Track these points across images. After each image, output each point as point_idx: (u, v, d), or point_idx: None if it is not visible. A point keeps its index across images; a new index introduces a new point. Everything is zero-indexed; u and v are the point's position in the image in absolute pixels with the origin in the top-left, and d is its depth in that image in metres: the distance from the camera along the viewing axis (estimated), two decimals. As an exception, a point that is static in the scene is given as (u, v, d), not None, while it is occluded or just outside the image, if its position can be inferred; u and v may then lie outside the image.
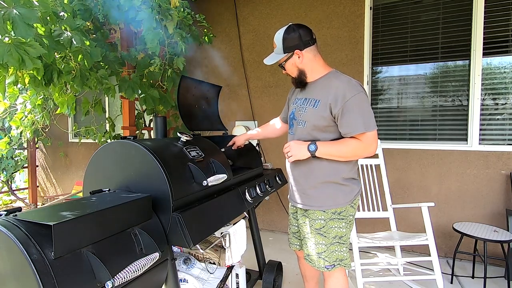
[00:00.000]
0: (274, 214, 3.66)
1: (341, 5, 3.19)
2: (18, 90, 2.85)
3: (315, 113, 1.42)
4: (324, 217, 1.44)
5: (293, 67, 1.48)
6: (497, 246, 2.62)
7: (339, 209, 1.44)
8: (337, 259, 1.44)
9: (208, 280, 1.66)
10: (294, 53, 1.42)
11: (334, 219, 1.44)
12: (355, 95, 1.33)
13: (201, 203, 1.31)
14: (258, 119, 3.67)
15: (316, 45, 1.47)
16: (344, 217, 1.45)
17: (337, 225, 1.44)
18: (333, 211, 1.44)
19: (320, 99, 1.41)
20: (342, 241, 1.45)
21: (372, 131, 1.35)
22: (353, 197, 1.47)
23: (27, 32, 1.46)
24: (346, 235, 1.46)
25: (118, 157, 1.29)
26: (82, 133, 3.53)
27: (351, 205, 1.48)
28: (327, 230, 1.44)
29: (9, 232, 0.77)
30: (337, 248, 1.44)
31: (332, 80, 1.43)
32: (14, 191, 4.51)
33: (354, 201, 1.49)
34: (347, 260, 1.46)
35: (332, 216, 1.44)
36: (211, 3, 3.82)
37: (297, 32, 1.40)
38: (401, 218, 3.00)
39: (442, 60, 2.91)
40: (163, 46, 2.67)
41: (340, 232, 1.44)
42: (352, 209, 1.48)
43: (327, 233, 1.44)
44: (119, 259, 0.95)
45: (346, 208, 1.45)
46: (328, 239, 1.44)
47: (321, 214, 1.45)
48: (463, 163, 2.82)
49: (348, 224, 1.47)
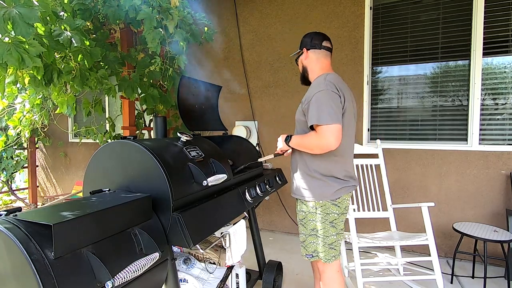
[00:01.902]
0: (274, 214, 3.66)
1: (341, 5, 3.19)
2: (17, 90, 2.85)
3: (298, 111, 1.62)
4: (305, 209, 1.58)
5: (300, 63, 1.71)
6: (497, 246, 2.62)
7: (318, 203, 1.53)
8: (314, 251, 1.56)
9: (208, 280, 1.66)
10: (302, 51, 1.67)
11: (313, 213, 1.56)
12: (317, 92, 1.45)
13: (201, 203, 1.31)
14: (258, 119, 3.67)
15: (324, 51, 1.63)
16: (321, 212, 1.54)
17: (314, 218, 1.56)
18: (312, 205, 1.55)
19: (303, 100, 1.58)
20: (318, 234, 1.55)
21: (325, 125, 1.39)
22: (333, 194, 1.52)
23: (27, 31, 1.46)
24: (323, 229, 1.54)
25: (118, 157, 1.29)
26: (83, 133, 3.53)
27: (334, 203, 1.53)
28: (306, 222, 1.59)
29: (9, 232, 0.77)
30: (314, 240, 1.57)
31: (313, 81, 1.59)
32: (14, 191, 4.51)
33: (337, 200, 1.54)
34: (323, 253, 1.54)
35: (311, 210, 1.56)
36: (211, 3, 3.82)
37: (311, 35, 1.66)
38: (401, 218, 3.01)
39: (442, 60, 2.91)
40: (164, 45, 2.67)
41: (316, 226, 1.55)
42: (335, 207, 1.54)
43: (306, 225, 1.59)
44: (119, 259, 0.95)
45: (325, 204, 1.53)
46: (307, 230, 1.59)
47: (303, 206, 1.59)
48: (463, 163, 2.82)
49: (325, 219, 1.54)
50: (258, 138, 3.67)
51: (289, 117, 3.50)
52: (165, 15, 2.43)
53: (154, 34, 2.29)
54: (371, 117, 3.19)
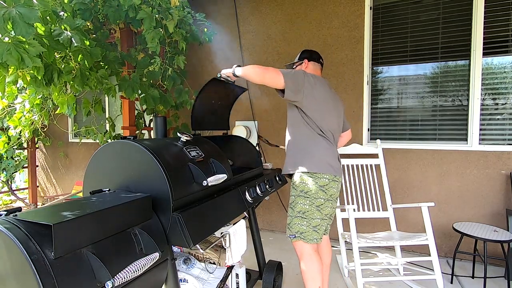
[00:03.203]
0: (274, 214, 3.66)
1: (341, 5, 3.19)
2: (17, 89, 2.84)
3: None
4: (294, 193, 1.76)
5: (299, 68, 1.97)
6: (497, 246, 2.63)
7: (306, 188, 1.71)
8: (297, 231, 1.71)
9: (208, 280, 1.66)
10: (303, 61, 1.98)
11: (301, 196, 1.72)
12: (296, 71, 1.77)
13: (201, 203, 1.31)
14: (258, 119, 3.67)
15: (319, 65, 1.98)
16: (309, 196, 1.71)
17: (302, 202, 1.72)
18: (301, 189, 1.72)
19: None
20: (304, 216, 1.71)
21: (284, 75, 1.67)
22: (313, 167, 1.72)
23: (27, 31, 1.46)
24: (309, 211, 1.71)
25: (118, 157, 1.29)
26: (83, 133, 3.53)
27: (322, 189, 1.71)
28: (295, 205, 1.74)
29: (9, 232, 0.77)
30: (299, 221, 1.72)
31: None
32: (14, 191, 4.51)
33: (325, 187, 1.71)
34: (306, 233, 1.70)
35: (300, 194, 1.73)
36: (211, 3, 3.82)
37: (310, 52, 2.02)
38: (401, 218, 3.01)
39: (442, 60, 2.91)
40: (163, 45, 2.67)
41: (303, 208, 1.71)
42: (322, 193, 1.72)
43: (294, 207, 1.75)
44: (119, 259, 0.95)
45: (314, 189, 1.70)
46: (294, 212, 1.75)
47: (293, 191, 1.77)
48: (463, 163, 2.82)
49: (312, 203, 1.71)
50: (258, 138, 3.67)
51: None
52: (165, 14, 2.43)
53: (154, 33, 2.29)
54: (371, 117, 3.19)
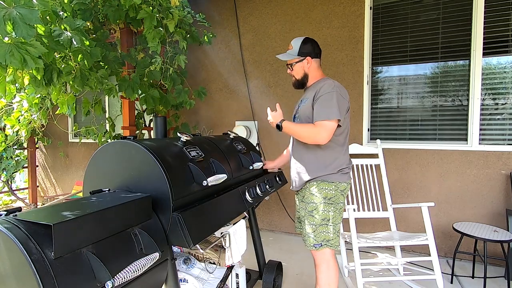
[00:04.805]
0: (274, 214, 3.66)
1: (341, 5, 3.19)
2: (16, 89, 2.84)
3: (304, 107, 1.73)
4: (316, 200, 1.66)
5: (300, 69, 1.76)
6: (497, 246, 2.63)
7: (329, 194, 1.65)
8: (324, 239, 1.64)
9: (208, 280, 1.66)
10: (305, 59, 1.72)
11: (324, 203, 1.65)
12: (327, 93, 1.61)
13: (201, 203, 1.31)
14: (258, 119, 3.67)
15: (319, 59, 1.79)
16: (333, 202, 1.66)
17: (326, 208, 1.65)
18: (324, 195, 1.65)
19: (308, 97, 1.71)
20: (329, 223, 1.65)
21: (327, 122, 1.57)
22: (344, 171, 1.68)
23: (28, 32, 1.46)
24: (334, 217, 1.65)
25: (118, 157, 1.29)
26: (83, 133, 3.53)
27: (342, 194, 1.69)
28: (317, 212, 1.66)
29: (9, 232, 0.77)
30: (325, 229, 1.64)
31: (320, 82, 1.71)
32: (14, 191, 4.51)
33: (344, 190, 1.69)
34: (333, 240, 1.65)
35: (323, 201, 1.65)
36: (211, 3, 3.82)
37: (313, 44, 1.74)
38: (401, 218, 3.01)
39: (442, 60, 2.91)
40: (164, 45, 2.67)
41: (328, 215, 1.65)
42: (342, 197, 1.70)
43: (316, 215, 1.66)
44: (119, 259, 0.95)
45: (336, 195, 1.66)
46: (317, 220, 1.65)
47: (313, 198, 1.67)
48: (463, 163, 2.82)
49: (336, 208, 1.67)
50: (258, 138, 3.67)
51: (289, 117, 3.49)
52: (165, 14, 2.43)
53: (154, 33, 2.29)
54: (371, 117, 3.19)
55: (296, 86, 1.83)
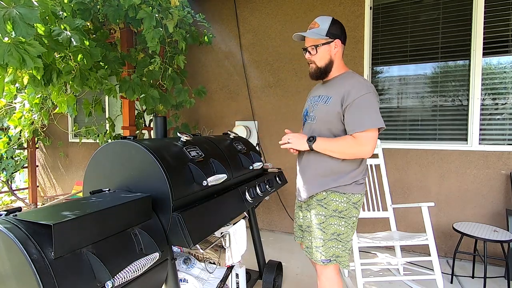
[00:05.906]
0: (274, 214, 3.66)
1: (341, 5, 3.19)
2: (16, 89, 2.84)
3: (325, 109, 1.47)
4: (325, 213, 1.47)
5: (326, 54, 1.47)
6: (497, 246, 2.62)
7: (340, 207, 1.46)
8: (333, 255, 1.46)
9: (208, 280, 1.66)
10: (334, 41, 1.44)
11: (334, 217, 1.46)
12: (364, 95, 1.37)
13: (201, 203, 1.31)
14: (258, 119, 3.67)
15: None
16: (344, 216, 1.47)
17: (337, 222, 1.46)
18: (334, 208, 1.46)
19: (332, 95, 1.45)
20: (340, 239, 1.46)
21: (370, 132, 1.36)
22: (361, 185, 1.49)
23: (27, 32, 1.46)
24: (345, 233, 1.47)
25: (118, 157, 1.28)
26: (83, 133, 3.52)
27: (355, 207, 1.49)
28: (327, 226, 1.47)
29: (9, 232, 0.77)
30: (334, 244, 1.46)
31: (347, 78, 1.47)
32: (14, 191, 4.51)
33: (357, 202, 1.49)
34: (342, 257, 1.47)
35: (333, 214, 1.46)
36: (211, 3, 3.82)
37: (341, 27, 1.47)
38: (401, 218, 3.00)
39: (442, 60, 2.91)
40: (163, 45, 2.67)
41: (338, 230, 1.46)
42: (355, 210, 1.49)
43: (326, 229, 1.47)
44: (119, 259, 0.95)
45: (348, 208, 1.47)
46: (326, 235, 1.46)
47: (322, 210, 1.48)
48: (463, 163, 2.82)
49: (348, 223, 1.48)
50: (258, 138, 3.67)
51: (289, 117, 3.50)
52: (164, 14, 2.43)
53: (153, 33, 2.29)
54: (371, 117, 3.19)
55: (316, 76, 1.52)
